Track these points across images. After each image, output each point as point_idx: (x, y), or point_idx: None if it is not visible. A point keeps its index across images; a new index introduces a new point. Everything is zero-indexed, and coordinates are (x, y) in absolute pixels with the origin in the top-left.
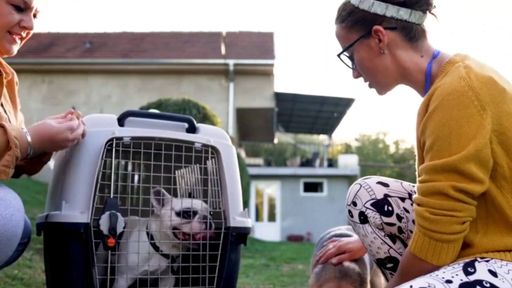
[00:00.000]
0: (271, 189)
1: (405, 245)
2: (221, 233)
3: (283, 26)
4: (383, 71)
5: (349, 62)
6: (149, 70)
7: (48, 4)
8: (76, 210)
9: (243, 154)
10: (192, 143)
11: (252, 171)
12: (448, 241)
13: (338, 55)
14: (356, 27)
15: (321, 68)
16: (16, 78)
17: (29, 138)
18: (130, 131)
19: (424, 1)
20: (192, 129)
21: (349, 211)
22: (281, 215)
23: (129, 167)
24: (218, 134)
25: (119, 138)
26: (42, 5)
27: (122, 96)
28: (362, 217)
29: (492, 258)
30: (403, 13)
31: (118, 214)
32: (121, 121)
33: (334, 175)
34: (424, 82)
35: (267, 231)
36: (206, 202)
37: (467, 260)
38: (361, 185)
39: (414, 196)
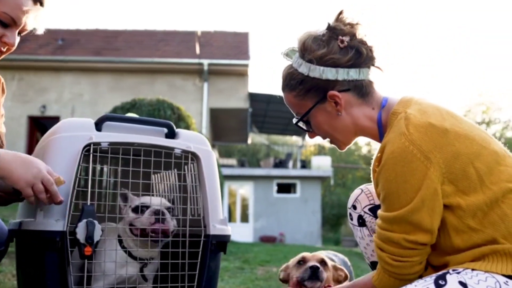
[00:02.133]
0: (244, 190)
1: None
2: (201, 241)
3: (258, 27)
4: (341, 131)
5: (305, 126)
6: (122, 69)
7: (39, 18)
8: (51, 218)
9: (216, 154)
10: (172, 149)
11: (225, 171)
12: (410, 280)
13: (296, 123)
14: (309, 94)
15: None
16: (4, 86)
17: None
18: (108, 136)
19: (369, 58)
20: (171, 135)
21: (350, 214)
22: (254, 216)
23: (105, 173)
24: (198, 140)
25: (97, 144)
26: (33, 21)
27: (94, 94)
28: (360, 220)
29: (464, 269)
30: (353, 74)
31: (95, 222)
32: (98, 125)
33: (307, 176)
34: (377, 132)
35: (239, 232)
36: (185, 209)
37: (439, 273)
38: (362, 190)
39: (375, 237)
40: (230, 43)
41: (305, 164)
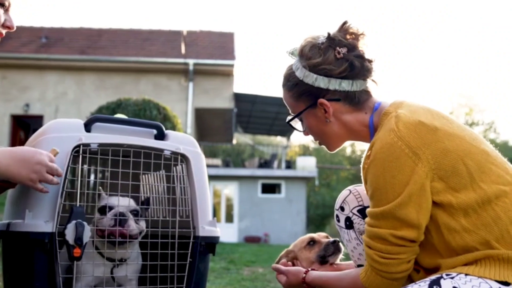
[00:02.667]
0: (229, 190)
1: None
2: (190, 243)
3: (243, 27)
4: (331, 136)
5: (299, 125)
6: (107, 68)
7: None
8: (40, 219)
9: None
10: (162, 150)
11: (210, 171)
12: (396, 279)
13: (288, 122)
14: (302, 98)
15: (281, 70)
16: None
17: None
18: (97, 137)
19: (363, 71)
20: (160, 136)
21: (337, 216)
22: (238, 216)
23: (92, 175)
24: (187, 142)
25: (86, 145)
26: None
27: (78, 93)
28: (348, 222)
29: (458, 274)
30: (345, 85)
31: (85, 223)
32: (87, 126)
33: (292, 176)
34: (369, 135)
35: (224, 232)
36: (174, 211)
37: (433, 277)
38: (350, 191)
39: (364, 236)
40: (216, 43)
41: (290, 165)
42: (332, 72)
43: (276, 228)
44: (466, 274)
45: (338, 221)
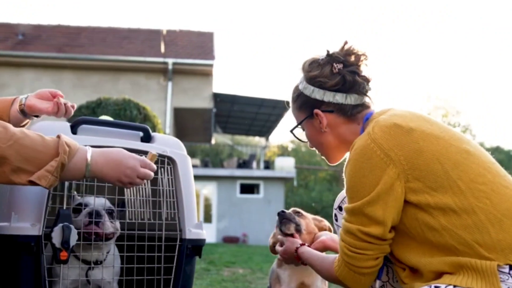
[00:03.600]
0: (207, 190)
1: None
2: (176, 245)
3: (223, 26)
4: (327, 146)
5: (303, 136)
6: (85, 66)
7: None
8: (26, 222)
9: None
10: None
11: None
12: (363, 274)
13: (291, 131)
14: (302, 108)
15: (260, 70)
16: None
17: (89, 156)
18: (85, 139)
19: (356, 86)
20: (147, 138)
21: (335, 215)
22: (217, 216)
23: None
24: (174, 144)
25: None
26: None
27: None
28: None
29: (446, 286)
30: (339, 98)
31: (71, 226)
32: (74, 128)
33: (270, 177)
34: None
35: None
36: (161, 213)
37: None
38: None
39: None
40: (195, 43)
41: (268, 165)
42: (326, 84)
43: (255, 228)
44: (454, 286)
45: (336, 220)
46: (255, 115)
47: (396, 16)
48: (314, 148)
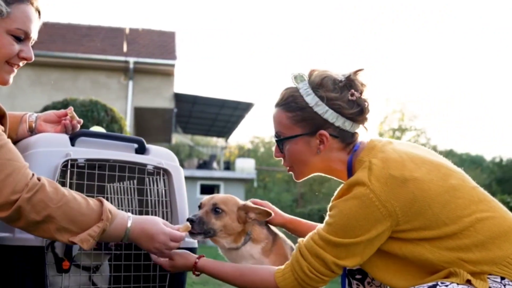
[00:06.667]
0: None
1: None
2: None
3: (185, 26)
4: (311, 167)
5: (279, 146)
6: (44, 63)
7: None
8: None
9: None
10: (145, 165)
11: None
12: None
13: (278, 141)
14: (302, 123)
15: (222, 71)
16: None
17: (129, 224)
18: (84, 152)
19: (366, 119)
20: (141, 150)
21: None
22: None
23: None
24: (168, 156)
25: (74, 160)
26: (36, 33)
27: (13, 88)
28: None
29: (451, 283)
30: (348, 125)
31: None
32: (72, 140)
33: (231, 178)
34: (346, 175)
35: None
36: None
37: (430, 284)
38: None
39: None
40: (157, 42)
41: (228, 166)
42: (344, 110)
43: None
44: (458, 284)
45: None
46: (216, 116)
47: (356, 19)
48: (283, 161)
